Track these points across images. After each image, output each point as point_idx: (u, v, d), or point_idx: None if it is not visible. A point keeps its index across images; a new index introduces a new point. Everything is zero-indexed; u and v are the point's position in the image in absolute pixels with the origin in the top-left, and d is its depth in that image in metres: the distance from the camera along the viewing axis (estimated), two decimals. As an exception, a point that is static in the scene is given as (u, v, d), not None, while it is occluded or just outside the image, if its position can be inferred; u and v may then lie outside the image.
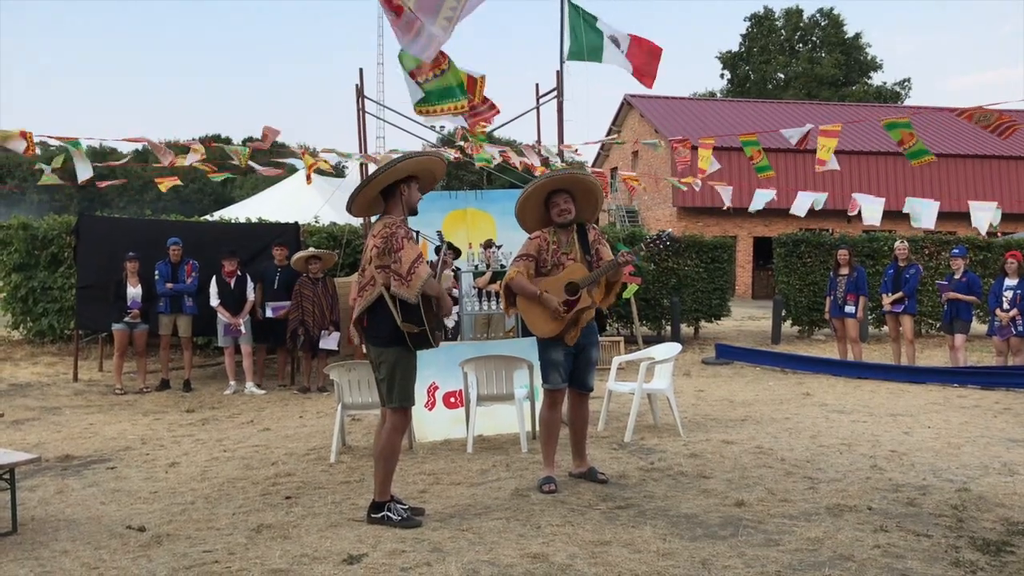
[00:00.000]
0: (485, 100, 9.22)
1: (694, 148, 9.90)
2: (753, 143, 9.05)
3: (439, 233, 7.79)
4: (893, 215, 10.66)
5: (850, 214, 10.36)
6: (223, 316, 10.31)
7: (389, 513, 4.83)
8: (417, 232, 5.22)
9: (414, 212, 5.05)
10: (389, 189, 4.93)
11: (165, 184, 10.29)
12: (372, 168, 10.09)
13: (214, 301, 10.32)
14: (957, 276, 11.02)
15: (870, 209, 9.61)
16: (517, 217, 5.74)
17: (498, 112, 9.45)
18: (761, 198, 10.23)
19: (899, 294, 11.21)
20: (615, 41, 10.13)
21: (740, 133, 9.73)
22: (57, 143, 8.13)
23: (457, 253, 8.07)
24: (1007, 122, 6.72)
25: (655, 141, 11.13)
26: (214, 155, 9.81)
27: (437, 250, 7.61)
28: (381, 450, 4.90)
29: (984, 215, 8.90)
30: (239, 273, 10.47)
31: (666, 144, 11.32)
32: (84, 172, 8.58)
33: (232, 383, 10.45)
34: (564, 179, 5.64)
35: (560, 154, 9.81)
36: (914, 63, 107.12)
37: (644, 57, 10.11)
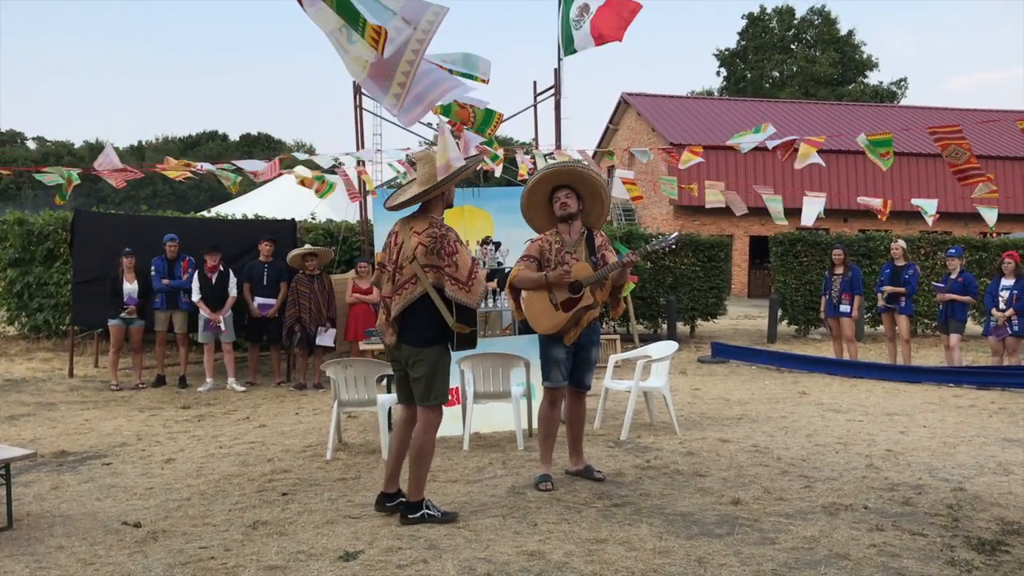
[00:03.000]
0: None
1: (681, 146, 9.87)
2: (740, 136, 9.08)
3: None
4: (891, 215, 10.68)
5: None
6: (203, 311, 10.27)
7: (429, 511, 4.78)
8: None
9: (450, 206, 5.05)
10: None
11: (174, 172, 9.91)
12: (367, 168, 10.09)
13: (195, 296, 10.26)
14: (953, 276, 11.03)
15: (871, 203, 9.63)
16: (524, 217, 5.72)
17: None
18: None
19: (899, 289, 11.22)
20: (583, 13, 9.92)
21: (735, 132, 9.73)
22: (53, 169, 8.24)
23: None
24: (974, 170, 6.62)
25: (644, 150, 11.15)
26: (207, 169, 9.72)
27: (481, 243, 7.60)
28: (419, 449, 4.79)
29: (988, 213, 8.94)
30: (221, 268, 10.41)
31: (655, 154, 11.31)
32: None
33: (208, 380, 10.41)
34: (564, 173, 5.55)
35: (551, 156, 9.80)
36: (913, 63, 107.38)
37: (615, 17, 9.81)
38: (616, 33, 9.44)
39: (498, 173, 9.81)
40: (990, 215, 9.86)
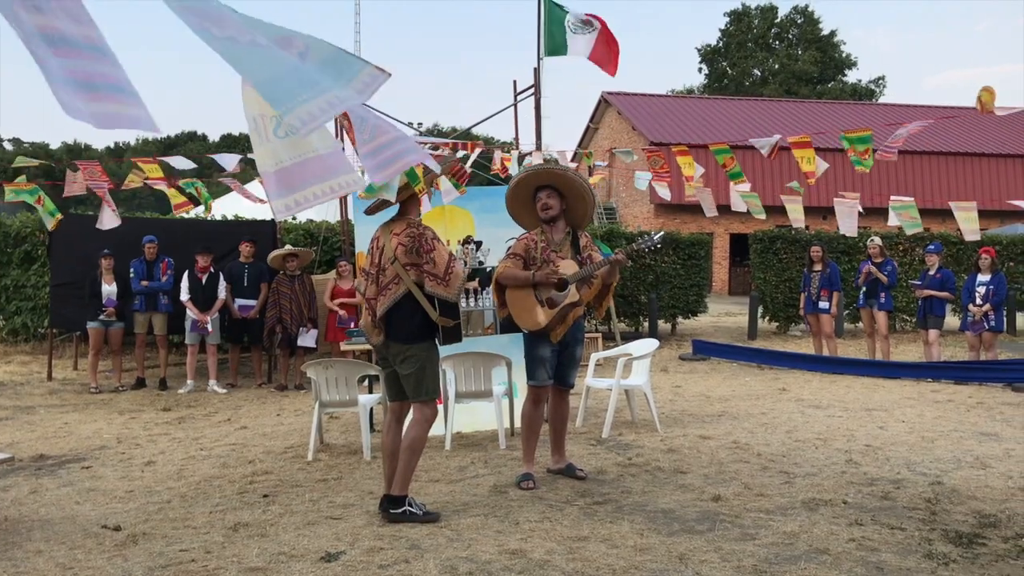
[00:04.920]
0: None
1: (668, 146, 9.91)
2: (725, 151, 9.07)
3: None
4: (869, 212, 10.72)
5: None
6: (191, 312, 10.22)
7: (411, 508, 4.82)
8: None
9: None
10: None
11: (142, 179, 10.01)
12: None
13: (184, 296, 10.21)
14: (932, 272, 11.14)
15: (845, 216, 9.53)
16: (511, 216, 5.73)
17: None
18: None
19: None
20: (586, 24, 10.06)
21: (717, 132, 9.79)
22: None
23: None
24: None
25: (628, 150, 11.17)
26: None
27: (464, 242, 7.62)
28: (410, 443, 4.85)
29: (967, 215, 8.79)
30: (211, 270, 10.37)
31: (640, 155, 11.35)
32: (47, 221, 8.84)
33: (189, 382, 10.36)
34: (544, 175, 5.58)
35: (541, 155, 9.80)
36: (891, 61, 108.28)
37: (606, 47, 10.07)
38: (609, 67, 9.78)
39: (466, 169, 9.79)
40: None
